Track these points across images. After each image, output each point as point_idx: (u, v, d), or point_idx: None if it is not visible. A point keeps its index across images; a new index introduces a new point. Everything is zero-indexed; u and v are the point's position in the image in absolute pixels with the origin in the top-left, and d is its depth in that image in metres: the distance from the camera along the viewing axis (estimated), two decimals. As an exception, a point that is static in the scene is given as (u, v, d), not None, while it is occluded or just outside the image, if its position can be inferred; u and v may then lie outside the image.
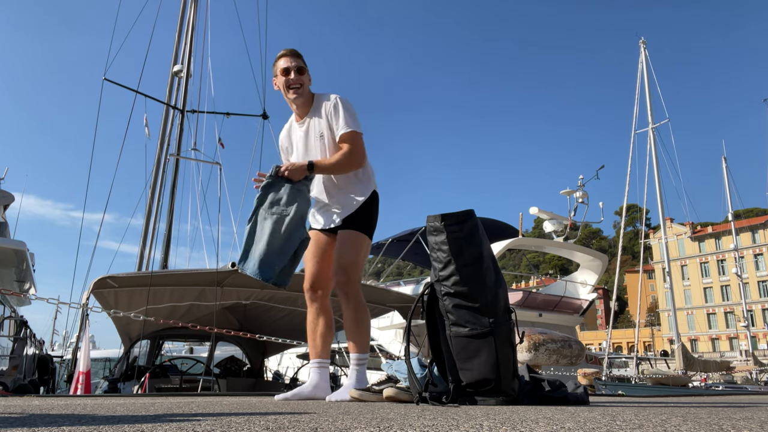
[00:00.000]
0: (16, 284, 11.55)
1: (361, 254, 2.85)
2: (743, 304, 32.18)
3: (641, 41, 24.16)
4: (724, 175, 33.42)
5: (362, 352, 2.83)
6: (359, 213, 2.89)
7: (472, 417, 1.51)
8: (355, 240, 2.84)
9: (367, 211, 2.91)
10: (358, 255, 2.83)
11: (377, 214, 2.98)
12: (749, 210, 60.86)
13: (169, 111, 13.18)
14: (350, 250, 2.82)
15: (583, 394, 2.50)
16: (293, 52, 2.90)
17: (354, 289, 2.81)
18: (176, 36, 13.65)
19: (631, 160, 22.40)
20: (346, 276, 2.79)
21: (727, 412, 1.88)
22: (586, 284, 16.23)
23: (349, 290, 2.79)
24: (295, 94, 2.87)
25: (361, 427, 1.17)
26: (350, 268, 2.79)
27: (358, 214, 2.88)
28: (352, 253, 2.82)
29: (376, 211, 2.97)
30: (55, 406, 1.94)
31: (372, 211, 2.93)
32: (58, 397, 3.02)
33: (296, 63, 2.88)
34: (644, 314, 64.71)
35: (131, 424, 1.19)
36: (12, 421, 1.29)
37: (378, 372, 3.88)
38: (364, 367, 2.82)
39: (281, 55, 2.91)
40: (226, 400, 2.55)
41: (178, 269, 7.92)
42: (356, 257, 2.82)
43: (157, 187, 12.63)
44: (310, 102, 2.92)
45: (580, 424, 1.27)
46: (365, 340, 2.85)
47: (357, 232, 2.86)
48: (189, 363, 9.60)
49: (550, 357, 3.98)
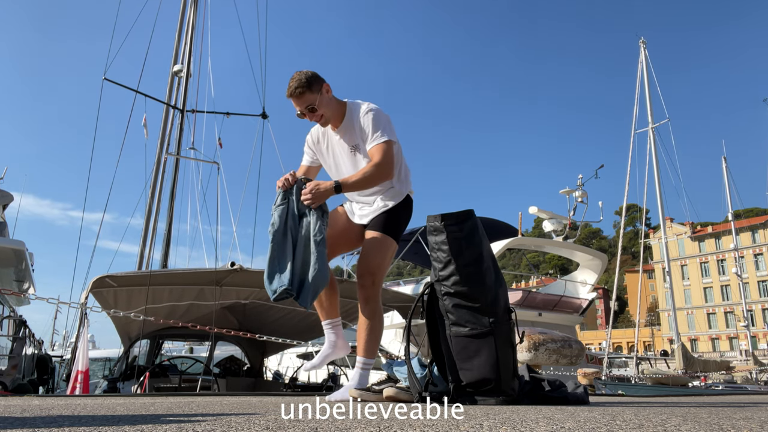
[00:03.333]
0: (15, 284, 11.53)
1: (387, 258, 2.78)
2: (743, 304, 32.16)
3: (641, 41, 24.16)
4: (724, 175, 33.43)
5: (370, 357, 2.77)
6: (389, 215, 2.81)
7: (472, 417, 1.51)
8: (384, 243, 2.76)
9: (396, 214, 2.83)
10: (384, 258, 2.76)
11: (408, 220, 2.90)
12: (749, 210, 60.83)
13: (169, 111, 13.19)
14: (378, 253, 2.74)
15: (583, 394, 2.50)
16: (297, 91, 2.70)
17: (375, 294, 2.75)
18: (176, 36, 13.67)
19: (631, 159, 22.44)
20: (372, 279, 2.71)
21: (727, 411, 1.88)
22: (585, 284, 16.23)
23: (370, 294, 2.72)
24: (321, 124, 2.81)
25: (361, 427, 1.17)
26: (377, 272, 2.72)
27: (388, 216, 2.81)
28: (379, 256, 2.75)
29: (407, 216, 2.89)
30: (55, 405, 1.93)
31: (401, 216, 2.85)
32: (57, 397, 3.02)
33: (304, 104, 2.71)
34: (644, 314, 64.68)
35: (131, 424, 1.19)
36: (12, 421, 1.29)
37: (378, 372, 3.88)
38: (368, 372, 2.78)
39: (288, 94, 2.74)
40: (226, 400, 2.54)
41: (178, 268, 7.91)
42: (383, 260, 2.76)
43: (157, 187, 12.63)
44: (340, 114, 2.79)
45: (580, 424, 1.27)
46: (375, 347, 2.80)
47: (385, 235, 2.77)
48: (188, 362, 9.59)
49: (550, 357, 3.98)
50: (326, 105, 2.74)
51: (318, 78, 2.75)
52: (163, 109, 13.21)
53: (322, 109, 2.73)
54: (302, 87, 2.69)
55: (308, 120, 2.78)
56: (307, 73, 2.74)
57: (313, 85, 2.71)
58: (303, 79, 2.70)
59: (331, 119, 2.78)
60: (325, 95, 2.74)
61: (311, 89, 2.70)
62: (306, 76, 2.72)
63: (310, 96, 2.70)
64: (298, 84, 2.69)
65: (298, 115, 2.75)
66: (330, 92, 2.76)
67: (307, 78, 2.71)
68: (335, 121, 2.80)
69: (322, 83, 2.74)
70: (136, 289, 6.82)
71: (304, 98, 2.70)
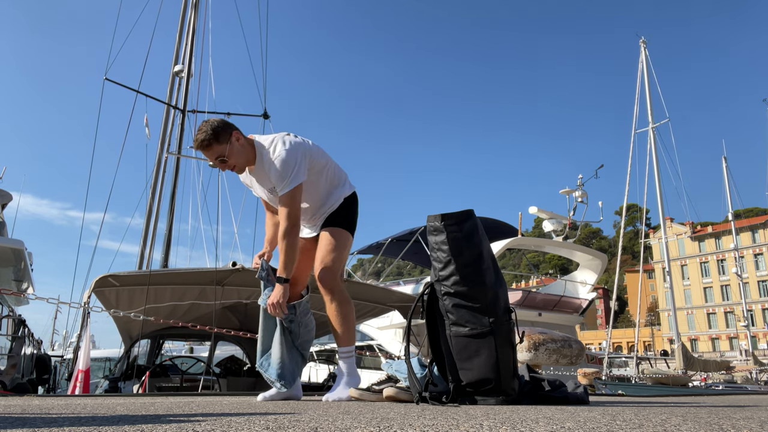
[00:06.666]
0: (14, 283, 11.54)
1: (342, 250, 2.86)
2: (743, 303, 32.18)
3: (641, 41, 24.15)
4: (724, 174, 33.46)
5: (350, 344, 2.86)
6: (338, 212, 2.91)
7: (472, 417, 1.51)
8: (336, 234, 2.85)
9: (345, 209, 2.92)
10: (340, 251, 2.84)
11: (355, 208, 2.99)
12: (749, 210, 60.89)
13: (170, 111, 13.18)
14: (332, 246, 2.83)
15: (583, 394, 2.50)
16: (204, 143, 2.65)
17: (338, 285, 2.82)
18: (177, 36, 13.66)
19: (631, 159, 22.44)
20: (329, 272, 2.79)
21: (727, 411, 1.88)
22: (585, 283, 16.21)
23: (333, 286, 2.80)
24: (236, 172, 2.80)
25: (361, 427, 1.17)
26: (333, 264, 2.80)
27: (337, 213, 2.91)
28: (334, 250, 2.83)
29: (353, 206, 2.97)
30: (55, 405, 1.94)
31: (351, 209, 2.95)
32: (57, 397, 3.02)
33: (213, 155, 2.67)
34: (644, 314, 64.68)
35: (131, 424, 1.19)
36: (12, 421, 1.29)
37: (378, 372, 3.88)
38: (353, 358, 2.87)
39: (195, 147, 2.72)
40: (226, 400, 2.55)
41: (180, 268, 7.91)
42: (339, 253, 2.83)
43: (158, 187, 12.63)
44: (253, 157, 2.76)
45: (580, 424, 1.27)
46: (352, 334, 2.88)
47: (337, 228, 2.87)
48: (189, 362, 9.59)
49: (550, 357, 3.98)
50: (237, 154, 2.68)
51: (226, 127, 2.69)
52: (164, 110, 13.22)
53: (233, 159, 2.69)
54: (209, 139, 2.64)
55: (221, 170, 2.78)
56: (213, 123, 2.69)
57: (221, 135, 2.65)
58: (209, 130, 2.65)
59: (245, 165, 2.77)
60: (235, 144, 2.67)
61: (218, 140, 2.65)
62: (212, 126, 2.67)
63: (219, 147, 2.65)
64: (204, 136, 2.65)
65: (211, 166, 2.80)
66: (240, 140, 2.70)
67: (213, 129, 2.65)
68: (249, 164, 2.79)
69: (231, 132, 2.68)
70: (137, 289, 6.82)
71: (212, 150, 2.65)
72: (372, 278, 21.74)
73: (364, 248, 17.94)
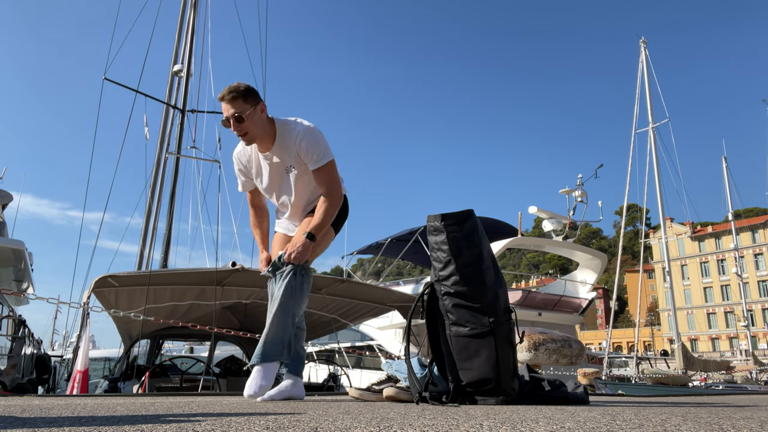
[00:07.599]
0: (14, 283, 11.53)
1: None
2: (743, 303, 32.17)
3: (641, 41, 24.15)
4: (724, 174, 33.45)
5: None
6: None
7: (472, 417, 1.51)
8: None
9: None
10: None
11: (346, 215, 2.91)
12: (749, 210, 60.91)
13: (169, 111, 13.17)
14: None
15: (583, 394, 2.50)
16: (231, 95, 2.60)
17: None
18: (176, 35, 13.65)
19: (632, 159, 22.43)
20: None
21: (727, 412, 1.88)
22: (585, 283, 16.22)
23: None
24: (243, 140, 2.70)
25: (361, 427, 1.17)
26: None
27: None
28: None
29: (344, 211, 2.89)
30: (55, 405, 1.93)
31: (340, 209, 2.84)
32: (57, 397, 3.02)
33: (233, 110, 2.60)
34: (644, 314, 64.69)
35: (131, 424, 1.19)
36: (12, 421, 1.29)
37: (378, 372, 3.88)
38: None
39: (220, 97, 2.63)
40: (226, 400, 2.55)
41: (180, 268, 7.91)
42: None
43: (157, 187, 12.63)
44: (271, 135, 2.68)
45: (580, 424, 1.27)
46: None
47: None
48: (189, 362, 9.59)
49: (550, 357, 3.98)
50: (256, 123, 2.63)
51: (257, 94, 2.67)
52: (163, 109, 13.21)
53: (250, 125, 2.62)
54: (237, 93, 2.61)
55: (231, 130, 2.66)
56: (248, 85, 2.66)
57: (249, 96, 2.63)
58: (241, 87, 2.63)
59: (258, 139, 2.68)
60: (258, 113, 2.64)
61: (246, 99, 2.62)
62: (245, 86, 2.65)
63: (242, 105, 2.60)
64: (233, 89, 2.61)
65: (223, 122, 2.65)
66: (264, 112, 2.66)
67: (246, 88, 2.64)
68: (265, 144, 2.71)
69: (259, 101, 2.66)
70: (137, 289, 6.82)
71: (236, 104, 2.60)
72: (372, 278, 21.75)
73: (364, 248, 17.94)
